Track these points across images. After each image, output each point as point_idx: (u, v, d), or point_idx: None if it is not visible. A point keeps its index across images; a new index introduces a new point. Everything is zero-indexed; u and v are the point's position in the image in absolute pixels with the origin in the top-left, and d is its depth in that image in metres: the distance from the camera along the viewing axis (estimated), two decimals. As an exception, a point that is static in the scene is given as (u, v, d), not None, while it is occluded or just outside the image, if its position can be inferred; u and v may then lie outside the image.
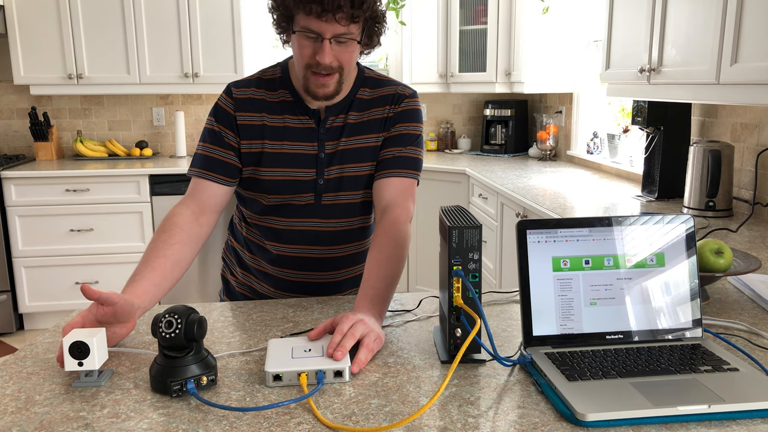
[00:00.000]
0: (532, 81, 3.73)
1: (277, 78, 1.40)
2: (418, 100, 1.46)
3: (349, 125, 1.40)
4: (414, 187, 1.41)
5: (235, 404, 0.89)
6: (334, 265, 1.47)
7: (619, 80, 2.48)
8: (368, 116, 1.41)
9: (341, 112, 1.40)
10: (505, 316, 1.23)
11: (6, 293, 3.67)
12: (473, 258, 0.98)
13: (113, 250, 3.71)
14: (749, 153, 2.31)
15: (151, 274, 1.18)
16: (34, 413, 0.87)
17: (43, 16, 3.73)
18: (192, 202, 1.36)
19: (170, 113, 4.30)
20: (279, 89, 1.39)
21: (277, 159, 1.38)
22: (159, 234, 1.28)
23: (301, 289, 1.48)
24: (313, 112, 1.38)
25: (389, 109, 1.42)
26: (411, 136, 1.42)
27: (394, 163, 1.39)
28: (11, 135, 4.19)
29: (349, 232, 1.46)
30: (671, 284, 1.04)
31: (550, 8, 3.66)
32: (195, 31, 3.85)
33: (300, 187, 1.39)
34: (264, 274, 1.50)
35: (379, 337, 1.04)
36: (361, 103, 1.41)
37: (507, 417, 0.85)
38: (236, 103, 1.38)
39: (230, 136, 1.38)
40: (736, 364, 0.95)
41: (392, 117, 1.42)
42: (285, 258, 1.45)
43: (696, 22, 1.97)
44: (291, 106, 1.38)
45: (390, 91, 1.43)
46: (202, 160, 1.39)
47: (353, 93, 1.41)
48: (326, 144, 1.39)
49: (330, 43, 1.24)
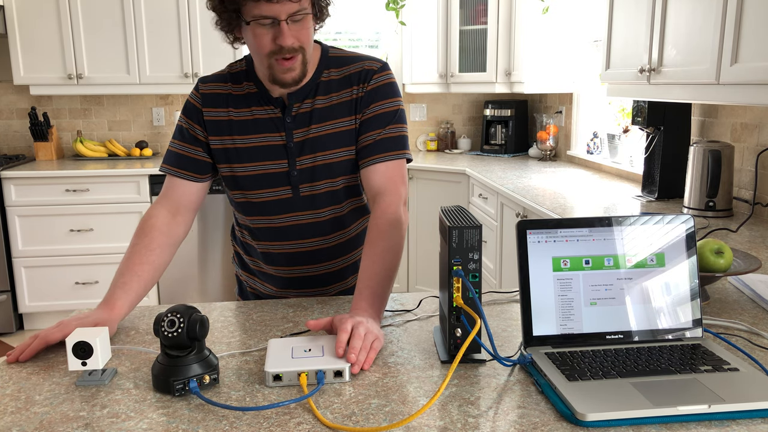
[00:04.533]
0: (532, 81, 3.73)
1: (242, 71, 1.37)
2: (389, 72, 1.37)
3: (317, 111, 1.34)
4: (403, 167, 1.35)
5: (235, 404, 0.89)
6: (328, 255, 1.45)
7: (619, 80, 2.48)
8: (337, 99, 1.35)
9: (306, 98, 1.34)
10: (505, 316, 1.23)
11: (6, 293, 3.67)
12: (473, 258, 0.98)
13: (113, 250, 3.71)
14: (749, 153, 2.31)
15: (136, 282, 1.21)
16: (34, 413, 0.87)
17: (43, 16, 3.73)
18: (166, 201, 1.36)
19: (170, 113, 4.30)
20: (244, 82, 1.36)
21: (249, 153, 1.36)
22: (139, 237, 1.29)
23: (301, 284, 1.48)
24: (277, 101, 1.34)
25: (357, 89, 1.34)
26: (388, 114, 1.34)
27: (376, 147, 1.33)
28: (11, 135, 4.19)
29: (338, 219, 1.43)
30: (671, 284, 1.04)
31: (550, 8, 3.66)
32: (195, 31, 3.85)
33: (274, 181, 1.36)
34: (264, 274, 1.50)
35: (379, 338, 1.04)
36: (328, 85, 1.35)
37: (507, 417, 0.85)
38: (203, 98, 1.37)
39: (198, 131, 1.37)
40: (736, 364, 0.95)
41: (363, 97, 1.34)
42: (277, 255, 1.44)
43: (696, 22, 1.97)
44: (256, 97, 1.35)
45: (356, 68, 1.35)
46: (172, 157, 1.38)
47: (317, 76, 1.35)
48: (294, 132, 1.34)
49: (287, 24, 1.20)
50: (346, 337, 0.99)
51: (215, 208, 3.76)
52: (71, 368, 0.93)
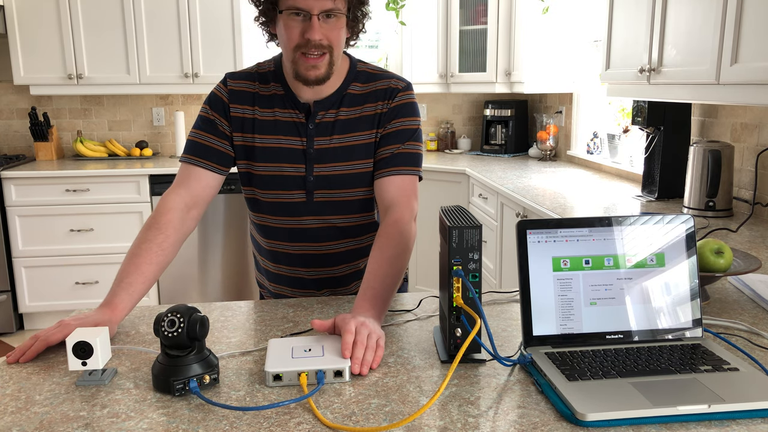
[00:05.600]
0: (532, 81, 3.73)
1: (270, 71, 1.40)
2: (413, 92, 1.42)
3: (341, 122, 1.37)
4: (416, 183, 1.39)
5: (235, 404, 0.89)
6: (334, 261, 1.47)
7: (619, 80, 2.48)
8: (360, 112, 1.38)
9: (331, 108, 1.37)
10: (505, 316, 1.23)
11: (6, 293, 3.67)
12: (473, 258, 0.98)
13: (113, 250, 3.71)
14: (749, 153, 2.31)
15: (141, 283, 1.19)
16: (34, 413, 0.87)
17: (43, 16, 3.73)
18: (185, 192, 1.35)
19: (170, 113, 4.30)
20: (271, 82, 1.39)
21: (268, 153, 1.37)
22: (153, 233, 1.26)
23: (298, 284, 1.49)
24: (302, 106, 1.37)
25: (383, 104, 1.38)
26: (408, 132, 1.38)
27: (393, 160, 1.36)
28: (11, 135, 4.19)
29: (347, 229, 1.45)
30: (671, 284, 1.04)
31: (550, 8, 3.66)
32: (195, 31, 3.85)
33: (290, 183, 1.38)
34: (270, 273, 1.51)
35: (380, 338, 1.04)
36: (353, 98, 1.38)
37: (507, 417, 0.85)
38: (230, 94, 1.38)
39: (224, 125, 1.38)
40: (736, 364, 0.95)
41: (386, 113, 1.38)
42: (281, 255, 1.46)
43: (696, 22, 1.97)
44: (281, 99, 1.37)
45: (383, 85, 1.39)
46: (195, 147, 1.37)
47: (344, 88, 1.38)
48: (315, 140, 1.37)
49: (318, 20, 1.23)
50: (351, 338, 0.99)
51: (215, 208, 3.76)
52: (71, 368, 0.93)
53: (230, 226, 3.79)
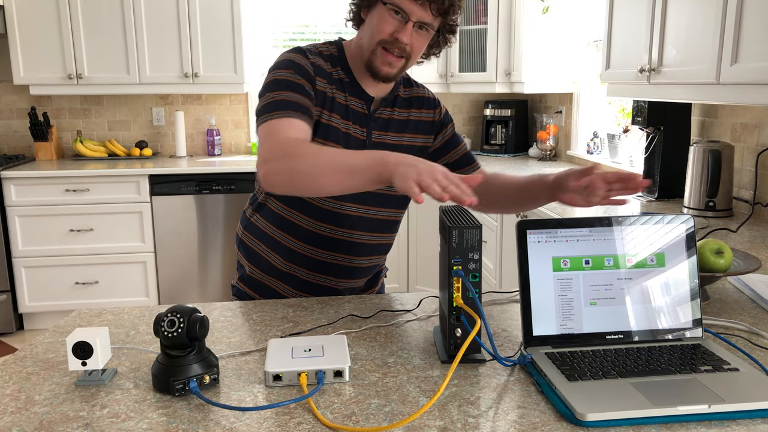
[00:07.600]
0: (532, 81, 3.73)
1: (335, 56, 1.40)
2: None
3: (395, 121, 1.44)
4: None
5: (235, 404, 0.89)
6: (346, 273, 1.47)
7: (619, 80, 2.48)
8: (407, 116, 1.46)
9: (388, 106, 1.43)
10: (505, 316, 1.23)
11: (6, 293, 3.67)
12: (473, 258, 0.98)
13: (113, 250, 3.71)
14: (749, 153, 2.31)
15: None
16: (34, 413, 0.87)
17: (43, 16, 3.73)
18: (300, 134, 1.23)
19: (170, 113, 4.30)
20: (338, 66, 1.39)
21: (340, 136, 1.36)
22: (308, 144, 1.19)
23: (305, 287, 1.47)
24: (367, 97, 1.40)
25: (434, 113, 1.49)
26: (457, 134, 1.54)
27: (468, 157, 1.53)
28: (11, 135, 4.19)
29: (382, 222, 1.46)
30: (671, 284, 1.04)
31: (550, 8, 3.66)
32: (195, 31, 3.84)
33: None
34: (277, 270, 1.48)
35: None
36: (402, 100, 1.46)
37: (507, 417, 0.85)
38: (314, 68, 1.34)
39: (311, 95, 1.31)
40: (736, 364, 0.95)
41: (439, 121, 1.50)
42: (299, 256, 1.43)
43: (696, 22, 1.97)
44: (349, 85, 1.39)
45: (424, 93, 1.50)
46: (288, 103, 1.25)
47: (396, 90, 1.45)
48: (374, 133, 1.41)
49: (413, 26, 1.28)
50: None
51: (215, 208, 3.76)
52: (71, 368, 0.93)
53: (230, 226, 3.79)
